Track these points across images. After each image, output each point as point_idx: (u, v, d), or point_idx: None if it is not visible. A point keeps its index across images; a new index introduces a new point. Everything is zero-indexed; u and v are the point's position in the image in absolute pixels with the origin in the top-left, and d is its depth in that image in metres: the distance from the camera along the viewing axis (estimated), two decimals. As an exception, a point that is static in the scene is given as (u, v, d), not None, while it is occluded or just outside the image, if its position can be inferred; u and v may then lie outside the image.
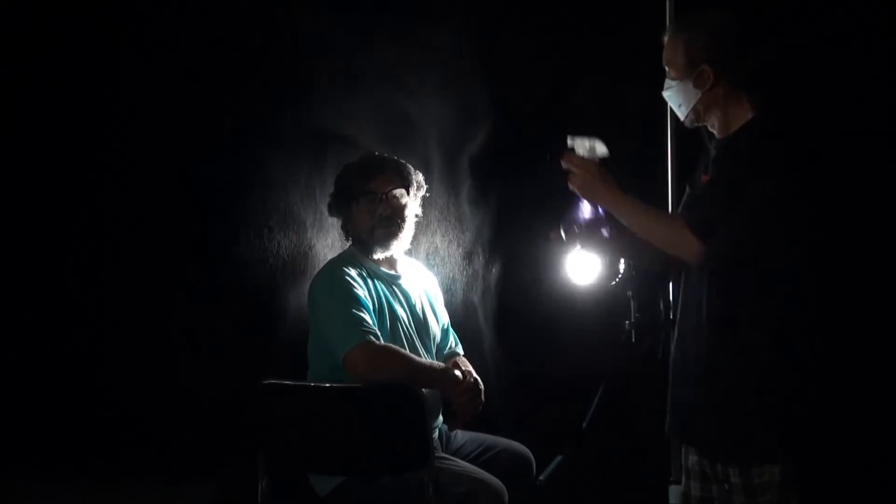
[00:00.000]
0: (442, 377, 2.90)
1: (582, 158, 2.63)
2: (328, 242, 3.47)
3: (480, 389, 2.97)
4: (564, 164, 2.63)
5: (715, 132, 2.66)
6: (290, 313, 3.46)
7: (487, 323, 3.67)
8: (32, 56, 3.41)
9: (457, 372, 2.93)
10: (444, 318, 3.19)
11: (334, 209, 3.07)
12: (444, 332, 3.18)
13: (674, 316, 2.83)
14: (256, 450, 2.75)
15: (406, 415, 2.66)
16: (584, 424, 3.06)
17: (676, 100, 2.66)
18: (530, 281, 3.58)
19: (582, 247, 2.67)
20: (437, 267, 3.52)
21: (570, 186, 2.61)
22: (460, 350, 3.21)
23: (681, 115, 2.67)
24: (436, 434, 2.98)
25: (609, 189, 2.58)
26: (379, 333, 2.82)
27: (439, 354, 3.15)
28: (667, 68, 2.66)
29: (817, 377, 2.53)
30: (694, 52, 2.59)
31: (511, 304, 3.68)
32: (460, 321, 3.41)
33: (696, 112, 2.63)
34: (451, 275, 3.57)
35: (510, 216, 3.71)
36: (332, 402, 2.72)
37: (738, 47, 2.58)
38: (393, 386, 2.71)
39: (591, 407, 3.05)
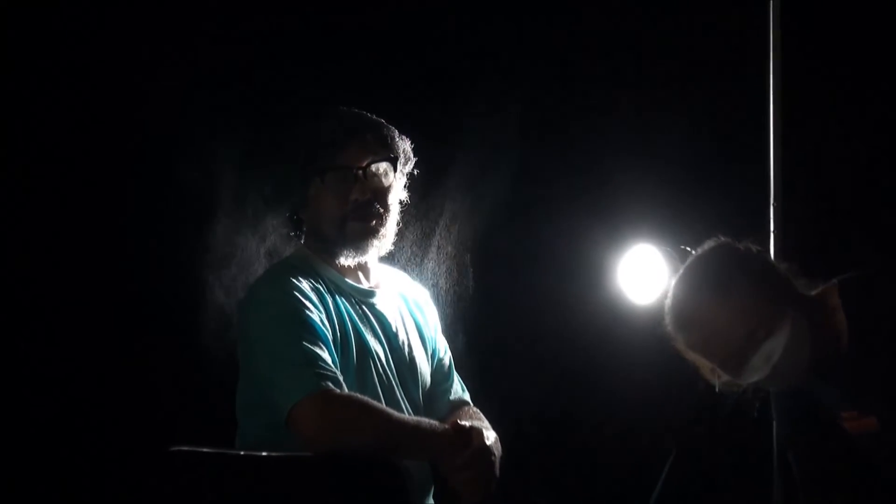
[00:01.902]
0: (435, 441, 2.35)
1: None
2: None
3: (494, 460, 2.40)
4: None
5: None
6: (214, 347, 2.94)
7: (502, 361, 3.36)
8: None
9: (459, 431, 2.38)
10: (443, 351, 2.69)
11: (280, 191, 2.51)
12: (444, 372, 2.66)
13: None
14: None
15: (380, 496, 2.26)
16: (647, 510, 2.74)
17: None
18: (567, 299, 3.30)
19: None
20: (427, 279, 3.13)
21: None
22: (467, 397, 2.69)
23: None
24: (425, 525, 2.53)
25: None
26: (341, 378, 2.31)
27: (436, 404, 2.62)
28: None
29: None
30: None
31: (539, 333, 3.38)
32: (461, 358, 2.99)
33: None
34: (446, 291, 3.17)
35: (534, 206, 3.41)
36: (272, 478, 2.27)
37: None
38: (361, 455, 2.27)
39: (655, 486, 2.70)
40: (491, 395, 3.00)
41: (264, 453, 2.28)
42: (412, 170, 2.54)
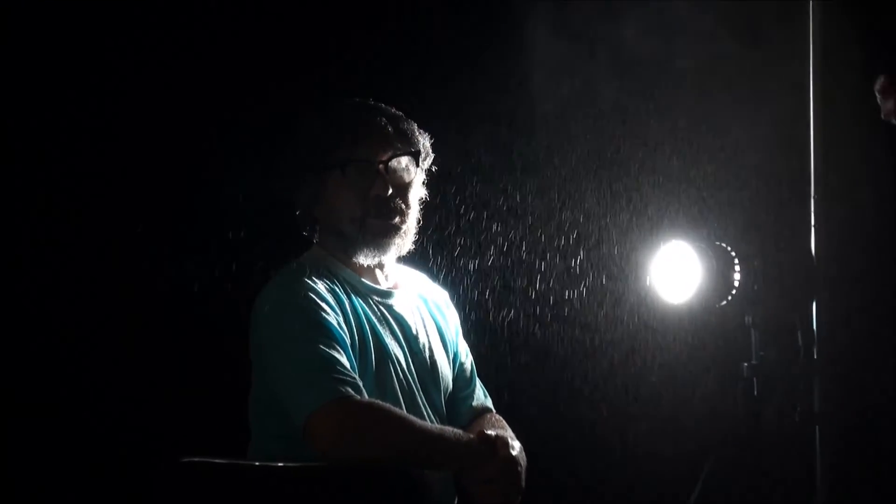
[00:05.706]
0: (460, 452, 2.23)
1: None
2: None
3: (520, 471, 2.28)
4: None
5: None
6: (226, 352, 2.79)
7: (524, 363, 3.24)
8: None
9: (484, 441, 2.26)
10: (464, 354, 2.57)
11: (292, 184, 2.38)
12: (466, 377, 2.55)
13: (819, 355, 2.58)
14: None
15: (401, 511, 2.21)
16: (682, 521, 2.65)
17: None
18: (599, 297, 3.20)
19: None
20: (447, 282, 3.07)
21: None
22: (490, 403, 2.57)
23: None
24: (446, 541, 2.40)
25: None
26: (360, 384, 2.19)
27: (457, 410, 2.51)
28: None
29: None
30: None
31: (563, 334, 3.25)
32: (489, 359, 2.94)
33: None
34: (466, 293, 3.11)
35: (566, 202, 3.28)
36: (287, 490, 2.18)
37: None
38: (382, 467, 2.17)
39: (691, 495, 2.63)
40: (520, 399, 2.96)
41: (280, 464, 2.19)
42: (430, 166, 2.43)
